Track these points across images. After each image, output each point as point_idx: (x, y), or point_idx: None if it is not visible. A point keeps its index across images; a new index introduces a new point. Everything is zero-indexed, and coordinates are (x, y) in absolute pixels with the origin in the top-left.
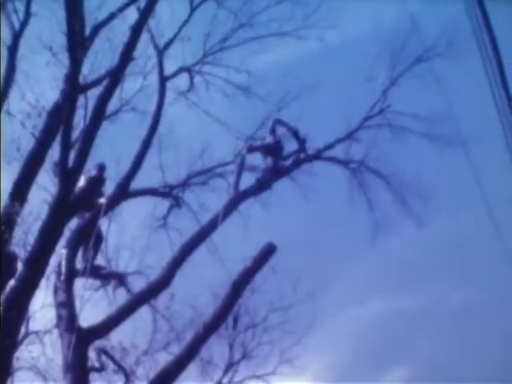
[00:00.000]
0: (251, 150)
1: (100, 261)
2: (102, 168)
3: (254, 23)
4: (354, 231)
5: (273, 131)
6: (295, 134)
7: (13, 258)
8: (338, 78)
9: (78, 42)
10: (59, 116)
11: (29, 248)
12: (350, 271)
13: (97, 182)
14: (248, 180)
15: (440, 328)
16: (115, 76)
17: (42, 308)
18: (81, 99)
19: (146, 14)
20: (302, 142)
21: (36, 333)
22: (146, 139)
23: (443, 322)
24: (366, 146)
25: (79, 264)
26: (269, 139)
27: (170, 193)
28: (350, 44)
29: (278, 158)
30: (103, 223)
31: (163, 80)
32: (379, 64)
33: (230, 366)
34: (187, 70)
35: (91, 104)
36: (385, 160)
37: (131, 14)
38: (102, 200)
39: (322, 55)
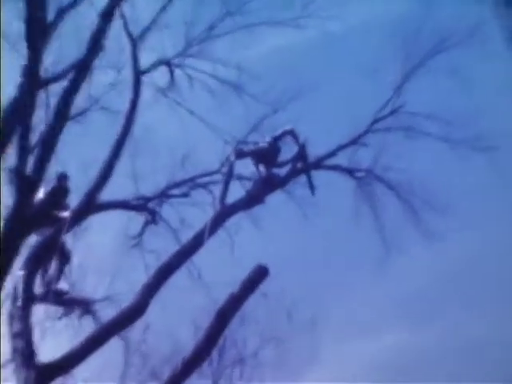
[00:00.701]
0: (241, 156)
1: (63, 284)
2: (64, 177)
3: (244, 10)
4: (359, 252)
5: (277, 140)
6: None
7: None
8: (342, 74)
9: (38, 29)
10: (16, 115)
11: None
12: (355, 298)
13: (59, 193)
14: (237, 192)
15: (455, 367)
16: (82, 69)
17: None
18: (41, 95)
19: None
20: (301, 148)
21: None
22: (118, 143)
23: (459, 359)
24: (374, 152)
25: (39, 288)
26: (262, 144)
27: (146, 206)
28: (355, 34)
29: (273, 167)
30: (67, 241)
31: (138, 74)
32: (389, 57)
33: None
34: (166, 62)
35: (54, 101)
36: (396, 168)
37: None
38: (66, 214)
39: (322, 47)
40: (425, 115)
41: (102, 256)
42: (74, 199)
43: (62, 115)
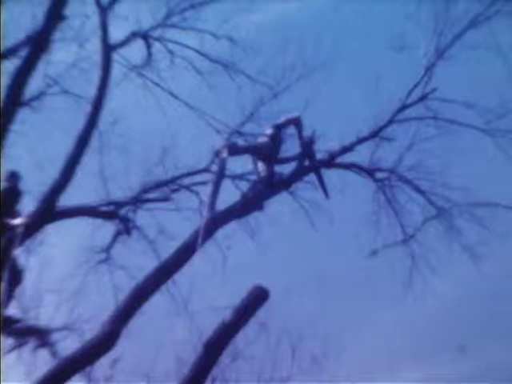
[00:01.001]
0: (235, 151)
1: (14, 310)
2: (15, 176)
3: None
4: (379, 271)
5: (279, 131)
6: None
7: None
8: (360, 50)
9: None
10: None
11: None
12: (372, 329)
13: (9, 197)
14: (230, 195)
15: None
16: (39, 43)
17: None
18: None
19: None
20: (308, 141)
21: None
22: (83, 135)
23: None
24: (399, 147)
25: None
26: (261, 136)
27: (117, 213)
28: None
29: (274, 164)
30: (19, 255)
31: (108, 49)
32: (419, 29)
33: None
34: (143, 35)
35: (3, 83)
36: (426, 168)
37: None
38: (18, 222)
39: (335, 15)
40: (461, 102)
41: (62, 274)
42: (27, 204)
43: (13, 99)
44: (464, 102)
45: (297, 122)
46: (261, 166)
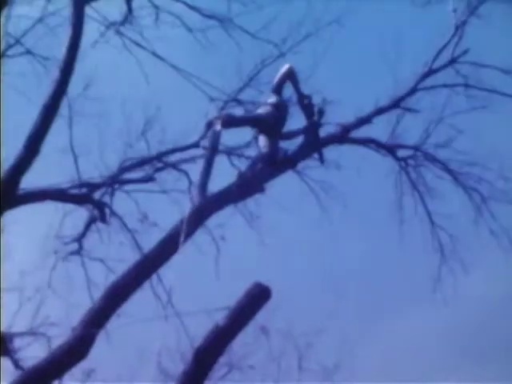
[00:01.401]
0: (231, 122)
1: None
2: None
3: None
4: (401, 268)
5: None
6: (307, 105)
7: None
8: (377, 3)
9: None
10: None
11: None
12: (390, 336)
13: None
14: (224, 175)
15: None
16: None
17: None
18: None
19: None
20: (317, 113)
21: None
22: (50, 103)
23: None
24: (424, 120)
25: None
26: (264, 106)
27: (90, 196)
28: None
29: (278, 139)
30: None
31: (81, 3)
32: None
33: None
34: None
35: None
36: (456, 145)
37: None
38: None
39: None
40: (497, 67)
41: (25, 269)
42: None
43: None
44: (500, 66)
45: (291, 75)
46: (262, 140)
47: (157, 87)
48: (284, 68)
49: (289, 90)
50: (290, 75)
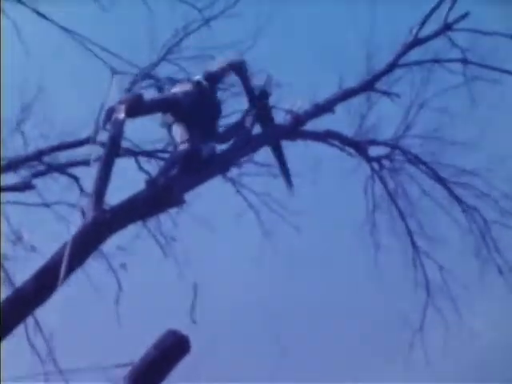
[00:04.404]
0: (139, 110)
1: None
2: None
3: None
4: (368, 311)
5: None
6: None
7: None
8: None
9: None
10: None
11: None
12: None
13: None
14: (129, 182)
15: None
16: None
17: None
18: None
19: None
20: (259, 96)
21: None
22: None
23: None
24: (405, 106)
25: None
26: (183, 86)
27: None
28: None
29: (201, 133)
30: None
31: None
32: None
33: None
34: None
35: None
36: (446, 139)
37: None
38: None
39: None
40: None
41: None
42: None
43: None
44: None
45: (240, 70)
46: (181, 133)
47: (39, 58)
48: (230, 60)
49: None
50: (239, 71)
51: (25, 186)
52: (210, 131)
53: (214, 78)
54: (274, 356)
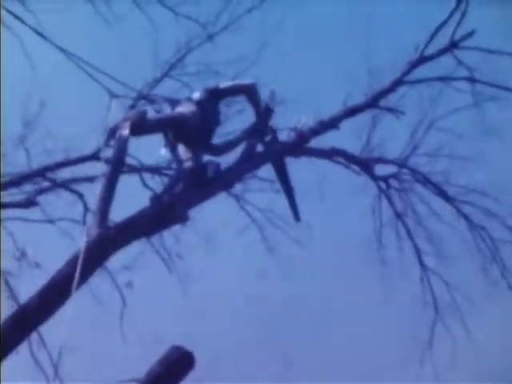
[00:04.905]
0: (143, 128)
1: None
2: None
3: None
4: (375, 329)
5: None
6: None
7: None
8: None
9: None
10: None
11: None
12: None
13: None
14: (133, 199)
15: None
16: None
17: None
18: None
19: None
20: (263, 113)
21: None
22: None
23: None
24: (411, 124)
25: None
26: (186, 104)
27: None
28: None
29: (206, 149)
30: None
31: None
32: None
33: None
34: None
35: None
36: (456, 158)
37: None
38: None
39: None
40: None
41: None
42: None
43: None
44: None
45: (251, 94)
46: (184, 150)
47: (42, 76)
48: (244, 82)
49: None
50: (251, 94)
51: (28, 203)
52: (206, 143)
53: (219, 95)
54: (277, 368)
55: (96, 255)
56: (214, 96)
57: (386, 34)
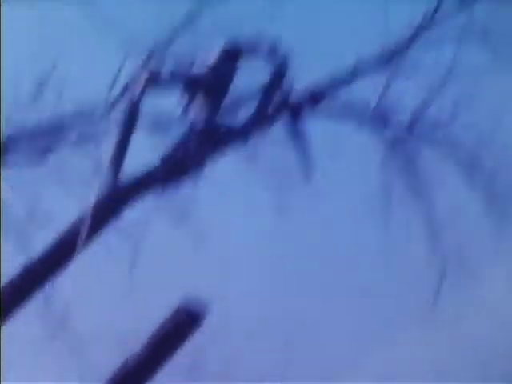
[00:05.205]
0: (156, 83)
1: None
2: None
3: None
4: (391, 276)
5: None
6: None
7: None
8: None
9: None
10: None
11: None
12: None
13: None
14: (145, 154)
15: None
16: None
17: None
18: None
19: None
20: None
21: None
22: None
23: None
24: (424, 83)
25: None
26: (201, 64)
27: None
28: None
29: (220, 104)
30: None
31: None
32: None
33: None
34: None
35: None
36: (468, 118)
37: None
38: None
39: None
40: None
41: None
42: None
43: None
44: None
45: (270, 51)
46: (198, 105)
47: (53, 33)
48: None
49: None
50: (271, 52)
51: (34, 162)
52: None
53: (237, 52)
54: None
55: (109, 208)
56: (232, 54)
57: None
